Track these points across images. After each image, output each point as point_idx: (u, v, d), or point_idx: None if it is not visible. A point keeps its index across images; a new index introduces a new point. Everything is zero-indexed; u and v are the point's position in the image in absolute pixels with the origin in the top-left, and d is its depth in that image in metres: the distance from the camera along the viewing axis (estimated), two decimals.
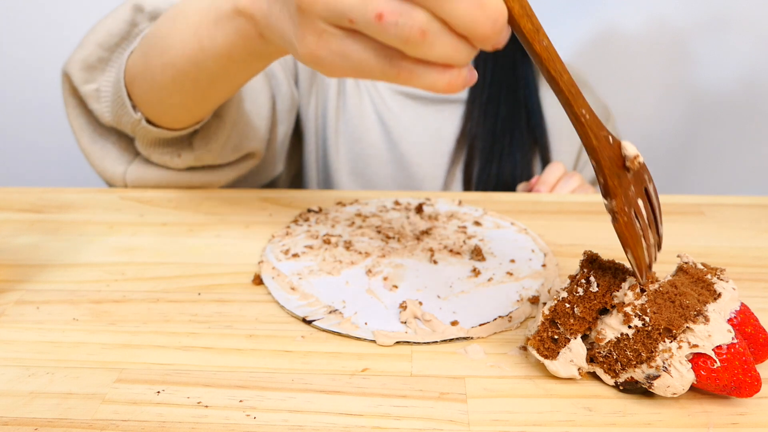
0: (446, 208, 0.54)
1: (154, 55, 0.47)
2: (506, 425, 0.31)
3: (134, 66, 0.50)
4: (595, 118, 0.29)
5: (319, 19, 0.29)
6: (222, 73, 0.44)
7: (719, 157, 1.10)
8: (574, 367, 0.33)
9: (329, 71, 0.31)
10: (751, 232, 0.51)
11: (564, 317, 0.33)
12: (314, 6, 0.29)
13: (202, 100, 0.49)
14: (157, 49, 0.46)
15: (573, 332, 0.33)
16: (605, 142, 0.29)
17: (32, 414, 0.31)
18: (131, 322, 0.39)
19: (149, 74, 0.48)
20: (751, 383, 0.30)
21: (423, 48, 0.27)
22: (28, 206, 0.55)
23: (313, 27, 0.29)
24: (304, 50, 0.31)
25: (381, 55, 0.29)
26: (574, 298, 0.33)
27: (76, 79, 0.54)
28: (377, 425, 0.31)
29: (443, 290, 0.42)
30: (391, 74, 0.29)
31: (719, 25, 1.00)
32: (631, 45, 1.01)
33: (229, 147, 0.57)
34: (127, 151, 0.58)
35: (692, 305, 0.32)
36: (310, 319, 0.38)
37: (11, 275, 0.44)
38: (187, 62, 0.44)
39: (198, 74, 0.44)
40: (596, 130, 0.29)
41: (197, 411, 0.32)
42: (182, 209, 0.54)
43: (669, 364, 0.30)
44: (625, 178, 0.30)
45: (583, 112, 0.29)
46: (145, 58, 0.48)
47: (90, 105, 0.55)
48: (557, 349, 0.33)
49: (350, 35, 0.29)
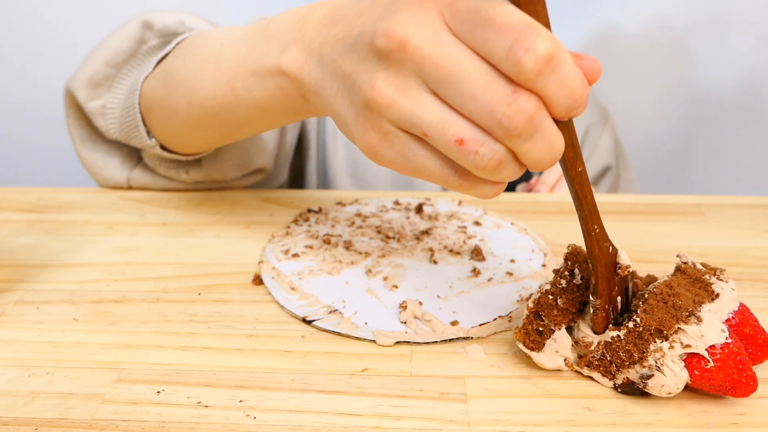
0: (446, 208, 0.54)
1: (178, 92, 0.44)
2: (506, 425, 0.31)
3: (153, 95, 0.48)
4: (603, 231, 0.32)
5: (389, 121, 0.28)
6: (255, 120, 0.41)
7: (719, 157, 1.10)
8: (560, 358, 0.34)
9: (386, 165, 0.30)
10: (751, 232, 0.51)
11: (548, 309, 0.34)
12: (386, 110, 0.28)
13: (228, 138, 0.47)
14: (182, 85, 0.43)
15: (557, 323, 0.34)
16: (606, 251, 0.33)
17: (32, 414, 0.31)
18: (131, 322, 0.39)
19: (171, 108, 0.46)
20: (747, 383, 0.31)
21: (493, 175, 0.28)
22: (28, 206, 0.55)
23: (379, 126, 0.29)
24: (364, 144, 0.30)
25: (445, 167, 0.29)
26: (558, 290, 0.34)
27: (81, 97, 0.52)
28: (377, 425, 0.31)
29: (443, 290, 0.42)
30: (452, 184, 0.29)
31: (719, 25, 1.00)
32: (631, 45, 1.01)
33: (239, 164, 0.56)
34: (130, 158, 0.57)
35: (685, 306, 0.32)
36: (310, 319, 0.38)
37: (11, 275, 0.44)
38: (216, 106, 0.41)
39: (227, 118, 0.42)
40: (602, 242, 0.32)
41: (197, 411, 0.32)
42: (182, 209, 0.54)
43: (661, 363, 0.31)
44: (613, 281, 0.33)
45: (595, 227, 0.32)
46: (168, 89, 0.45)
47: (95, 122, 0.53)
48: (542, 340, 0.34)
49: (417, 141, 0.29)
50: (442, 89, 0.26)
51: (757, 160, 1.10)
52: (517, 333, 0.35)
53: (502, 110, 0.25)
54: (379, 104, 0.28)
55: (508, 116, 0.25)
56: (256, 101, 0.38)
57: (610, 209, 0.55)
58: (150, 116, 0.49)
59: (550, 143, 0.27)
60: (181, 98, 0.44)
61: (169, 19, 0.52)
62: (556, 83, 0.25)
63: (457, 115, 0.27)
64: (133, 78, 0.52)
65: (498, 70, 0.25)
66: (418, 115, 0.27)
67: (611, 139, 0.79)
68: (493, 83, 0.25)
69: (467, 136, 0.26)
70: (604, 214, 0.54)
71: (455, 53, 0.26)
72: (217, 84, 0.40)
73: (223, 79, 0.39)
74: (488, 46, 0.25)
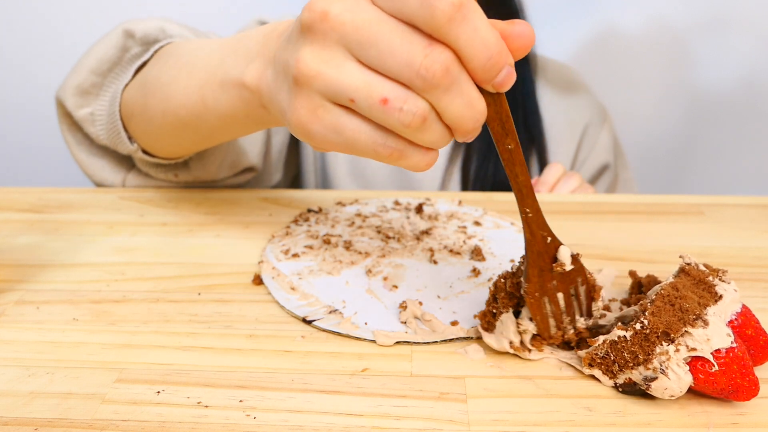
0: (446, 208, 0.54)
1: (154, 100, 0.46)
2: (506, 425, 0.31)
3: (132, 104, 0.50)
4: (538, 217, 0.33)
5: (317, 93, 0.29)
6: (223, 128, 0.43)
7: (719, 157, 1.10)
8: (506, 341, 0.35)
9: (319, 145, 0.31)
10: (751, 232, 0.51)
11: (499, 292, 0.35)
12: (313, 81, 0.29)
13: (201, 144, 0.49)
14: (158, 94, 0.45)
15: (504, 306, 0.35)
16: (540, 239, 0.34)
17: (32, 414, 0.31)
18: (131, 322, 0.39)
19: (148, 115, 0.48)
20: (749, 387, 0.31)
21: (419, 133, 0.29)
22: (28, 206, 0.55)
23: (309, 100, 0.30)
24: (296, 123, 0.30)
25: (374, 134, 0.30)
26: (508, 274, 0.35)
27: (70, 105, 0.54)
28: (377, 425, 0.31)
29: (443, 290, 0.42)
30: (382, 154, 0.30)
31: (719, 25, 1.00)
32: (631, 45, 1.01)
33: (226, 165, 0.58)
34: (124, 161, 0.58)
35: (692, 309, 0.32)
36: (310, 319, 0.38)
37: (11, 275, 0.44)
38: (188, 114, 0.43)
39: (199, 125, 0.44)
40: (535, 227, 0.33)
41: (197, 411, 0.32)
42: (182, 209, 0.54)
43: (666, 366, 0.30)
44: (548, 272, 0.34)
45: (527, 210, 0.33)
46: (145, 99, 0.48)
47: (86, 129, 0.55)
48: (494, 322, 0.35)
49: (346, 112, 0.29)
50: (364, 52, 0.28)
51: (757, 160, 1.10)
52: (479, 314, 0.36)
53: (419, 61, 0.27)
54: (306, 76, 0.29)
55: (425, 66, 0.27)
56: (223, 110, 0.40)
57: (609, 209, 0.55)
58: (130, 123, 0.51)
59: (470, 102, 0.28)
60: (156, 106, 0.46)
61: (150, 27, 0.53)
62: (468, 33, 0.26)
63: (381, 77, 0.28)
64: (118, 85, 0.53)
65: (414, 28, 0.27)
66: (343, 82, 0.28)
67: (609, 138, 0.79)
68: (411, 38, 0.27)
69: (391, 94, 0.28)
70: (604, 213, 0.54)
71: (374, 16, 0.27)
72: (189, 93, 0.42)
73: (195, 88, 0.41)
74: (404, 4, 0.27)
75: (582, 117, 0.78)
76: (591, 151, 0.78)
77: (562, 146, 0.77)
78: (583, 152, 0.78)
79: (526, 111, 0.75)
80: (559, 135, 0.76)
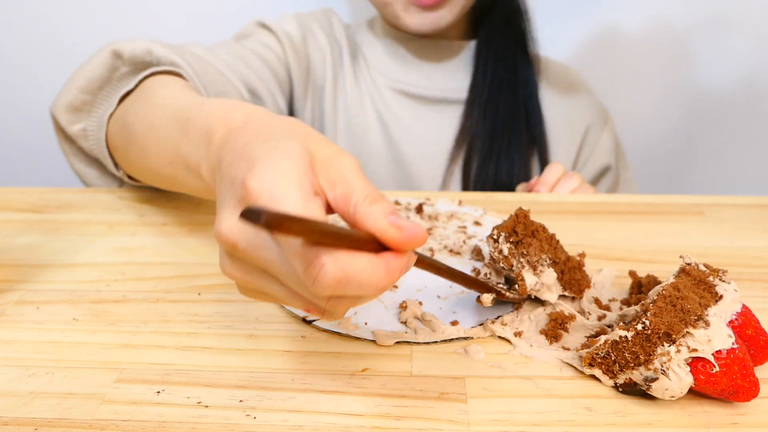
0: (446, 208, 0.54)
1: (134, 150, 0.47)
2: (506, 425, 0.31)
3: (116, 141, 0.51)
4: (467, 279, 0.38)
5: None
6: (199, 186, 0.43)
7: (719, 157, 1.10)
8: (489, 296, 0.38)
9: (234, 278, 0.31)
10: (751, 232, 0.51)
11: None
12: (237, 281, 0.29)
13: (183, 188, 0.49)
14: (136, 146, 0.46)
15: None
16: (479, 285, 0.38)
17: (32, 414, 0.31)
18: (131, 322, 0.39)
19: (130, 159, 0.49)
20: (749, 388, 0.31)
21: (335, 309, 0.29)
22: (28, 206, 0.55)
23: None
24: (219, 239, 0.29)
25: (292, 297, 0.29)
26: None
27: (63, 121, 0.55)
28: (377, 425, 0.31)
29: (443, 290, 0.42)
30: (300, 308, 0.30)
31: (719, 25, 1.00)
32: (631, 45, 1.01)
33: None
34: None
35: (693, 309, 0.32)
36: (310, 319, 0.38)
37: (11, 275, 0.44)
38: (165, 176, 0.43)
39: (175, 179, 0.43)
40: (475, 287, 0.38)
41: (197, 411, 0.32)
42: (182, 209, 0.54)
43: (667, 367, 0.30)
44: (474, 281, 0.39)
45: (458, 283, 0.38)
46: (126, 144, 0.48)
47: (79, 143, 0.56)
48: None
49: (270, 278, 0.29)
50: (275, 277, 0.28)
51: (757, 160, 1.10)
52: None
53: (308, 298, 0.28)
54: (230, 276, 0.29)
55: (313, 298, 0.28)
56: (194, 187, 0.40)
57: (610, 209, 0.55)
58: (115, 154, 0.53)
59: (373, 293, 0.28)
60: (136, 156, 0.47)
61: (137, 48, 0.54)
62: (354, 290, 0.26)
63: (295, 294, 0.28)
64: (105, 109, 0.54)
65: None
66: (266, 291, 0.29)
67: (611, 140, 0.79)
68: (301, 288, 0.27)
69: (311, 307, 0.28)
70: (604, 213, 0.54)
71: (274, 257, 0.27)
72: (161, 163, 0.42)
73: (165, 161, 0.41)
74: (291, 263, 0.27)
75: (583, 118, 0.78)
76: (592, 153, 0.78)
77: (563, 147, 0.77)
78: (585, 153, 0.78)
79: (528, 112, 0.75)
80: (560, 136, 0.76)
